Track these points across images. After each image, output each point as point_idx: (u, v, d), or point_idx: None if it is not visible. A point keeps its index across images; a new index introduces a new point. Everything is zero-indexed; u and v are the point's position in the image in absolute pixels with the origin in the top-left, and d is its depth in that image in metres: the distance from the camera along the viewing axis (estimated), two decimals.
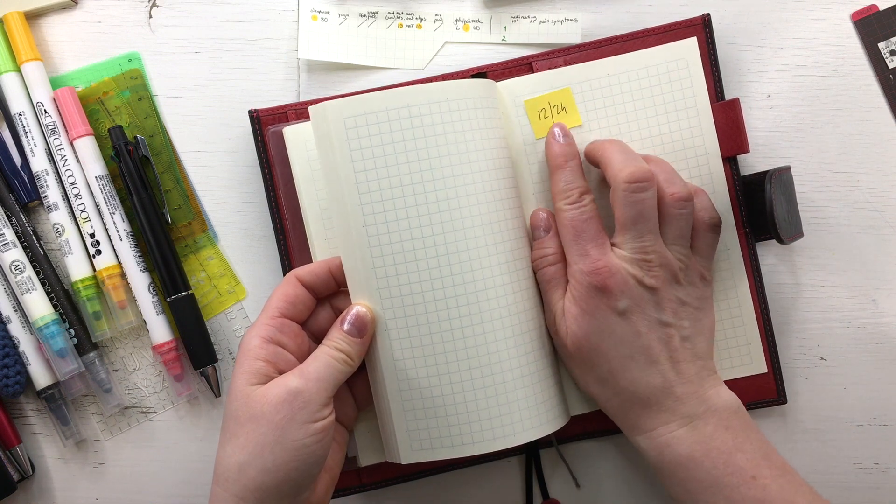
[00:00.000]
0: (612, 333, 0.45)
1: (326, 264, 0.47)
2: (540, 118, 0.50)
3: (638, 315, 0.45)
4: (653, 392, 0.46)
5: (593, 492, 0.55)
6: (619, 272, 0.45)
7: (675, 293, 0.46)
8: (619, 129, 0.51)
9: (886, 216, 0.54)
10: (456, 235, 0.45)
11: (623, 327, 0.45)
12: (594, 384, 0.47)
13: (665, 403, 0.46)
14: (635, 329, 0.45)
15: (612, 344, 0.45)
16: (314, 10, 0.54)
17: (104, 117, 0.54)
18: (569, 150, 0.48)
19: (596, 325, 0.45)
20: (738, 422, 0.46)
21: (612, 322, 0.45)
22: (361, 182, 0.45)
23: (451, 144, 0.45)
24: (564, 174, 0.47)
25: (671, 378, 0.46)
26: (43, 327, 0.51)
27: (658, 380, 0.45)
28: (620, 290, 0.45)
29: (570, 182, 0.47)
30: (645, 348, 0.45)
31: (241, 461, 0.41)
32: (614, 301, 0.45)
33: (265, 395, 0.42)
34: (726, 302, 0.52)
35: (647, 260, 0.45)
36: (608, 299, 0.45)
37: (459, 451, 0.45)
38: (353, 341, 0.44)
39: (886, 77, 0.54)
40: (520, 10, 0.54)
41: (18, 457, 0.53)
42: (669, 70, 0.51)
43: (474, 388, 0.45)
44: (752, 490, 0.43)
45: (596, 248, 0.45)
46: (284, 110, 0.52)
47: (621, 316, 0.45)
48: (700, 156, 0.51)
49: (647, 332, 0.45)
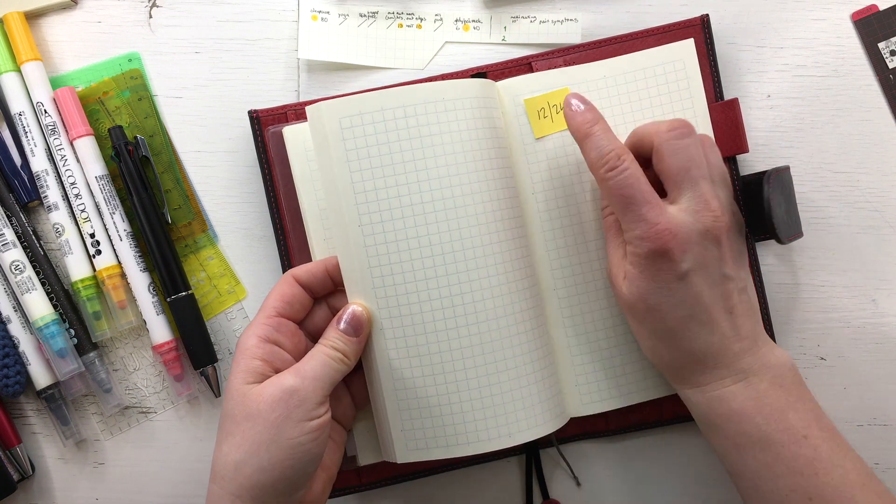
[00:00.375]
0: (673, 296, 0.44)
1: (323, 264, 0.47)
2: (539, 118, 0.50)
3: (700, 274, 0.44)
4: (710, 350, 0.44)
5: (593, 492, 0.55)
6: (681, 231, 0.43)
7: (733, 241, 0.45)
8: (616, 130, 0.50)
9: (886, 216, 0.54)
10: (452, 235, 0.45)
11: (684, 290, 0.43)
12: (648, 338, 0.46)
13: (722, 360, 0.44)
14: (697, 290, 0.44)
15: (671, 306, 0.44)
16: (314, 10, 0.54)
17: (104, 117, 0.54)
18: (591, 116, 0.45)
19: (655, 288, 0.44)
20: (792, 380, 0.45)
21: (674, 286, 0.43)
22: (357, 182, 0.45)
23: (447, 144, 0.45)
24: (594, 140, 0.44)
25: (729, 335, 0.44)
26: (43, 327, 0.51)
27: (717, 338, 0.44)
28: (683, 250, 0.43)
29: (603, 147, 0.44)
30: (705, 307, 0.44)
31: (238, 459, 0.41)
32: (676, 264, 0.43)
33: (261, 393, 0.42)
34: None
35: (709, 208, 0.44)
36: (670, 263, 0.43)
37: (455, 451, 0.45)
38: (350, 340, 0.44)
39: (886, 77, 0.54)
40: (520, 10, 0.54)
41: (18, 457, 0.53)
42: (667, 72, 0.51)
43: (469, 388, 0.45)
44: (803, 449, 0.43)
45: (651, 210, 0.43)
46: (284, 110, 0.52)
47: (683, 279, 0.43)
48: None
49: (709, 291, 0.44)
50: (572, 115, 0.46)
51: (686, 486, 0.54)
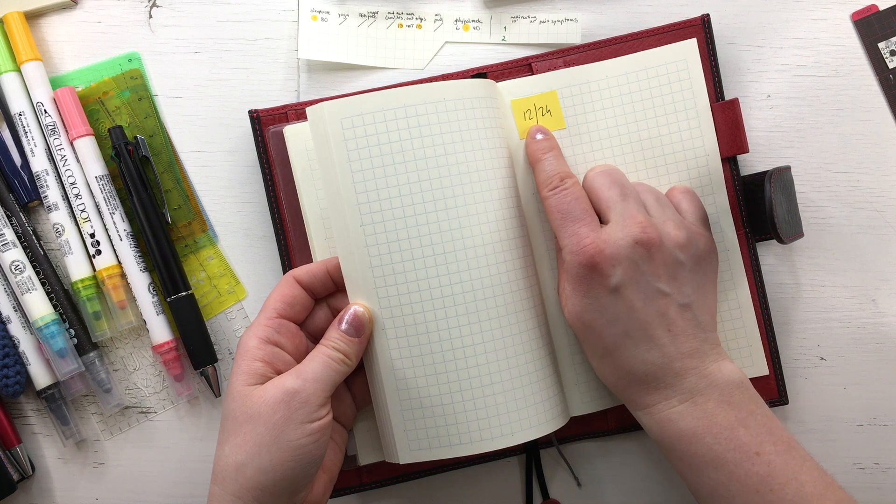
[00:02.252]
0: (605, 311, 0.44)
1: (324, 265, 0.47)
2: (525, 119, 0.50)
3: (632, 288, 0.44)
4: (651, 369, 0.44)
5: (594, 491, 0.55)
6: (609, 245, 0.44)
7: (672, 253, 0.45)
8: (619, 130, 0.51)
9: (886, 216, 0.54)
10: (453, 235, 0.45)
11: (616, 304, 0.44)
12: (593, 359, 0.47)
13: (664, 380, 0.44)
14: (629, 304, 0.44)
15: (605, 322, 0.44)
16: (314, 10, 0.54)
17: (104, 117, 0.54)
18: (546, 144, 0.48)
19: (588, 304, 0.44)
20: (742, 396, 0.44)
21: (605, 300, 0.44)
22: (358, 182, 0.45)
23: (447, 144, 0.45)
24: (543, 164, 0.47)
25: (670, 353, 0.44)
26: (43, 327, 0.51)
27: (656, 356, 0.44)
28: (611, 263, 0.43)
29: (549, 170, 0.47)
30: (641, 323, 0.44)
31: (239, 461, 0.41)
32: (606, 278, 0.44)
33: (262, 395, 0.42)
34: (726, 303, 0.52)
35: (636, 220, 0.44)
36: (600, 276, 0.44)
37: (457, 451, 0.45)
38: (351, 341, 0.44)
39: (886, 77, 0.54)
40: (520, 10, 0.54)
41: (18, 457, 0.53)
42: (669, 72, 0.51)
43: (471, 387, 0.45)
44: (756, 466, 0.42)
45: (584, 227, 0.45)
46: (284, 110, 0.52)
47: (614, 293, 0.44)
48: (699, 157, 0.51)
49: (643, 307, 0.44)
50: (529, 142, 0.49)
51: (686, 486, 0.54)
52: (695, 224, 0.48)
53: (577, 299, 0.45)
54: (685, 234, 0.46)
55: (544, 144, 0.48)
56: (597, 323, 0.45)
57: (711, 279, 0.48)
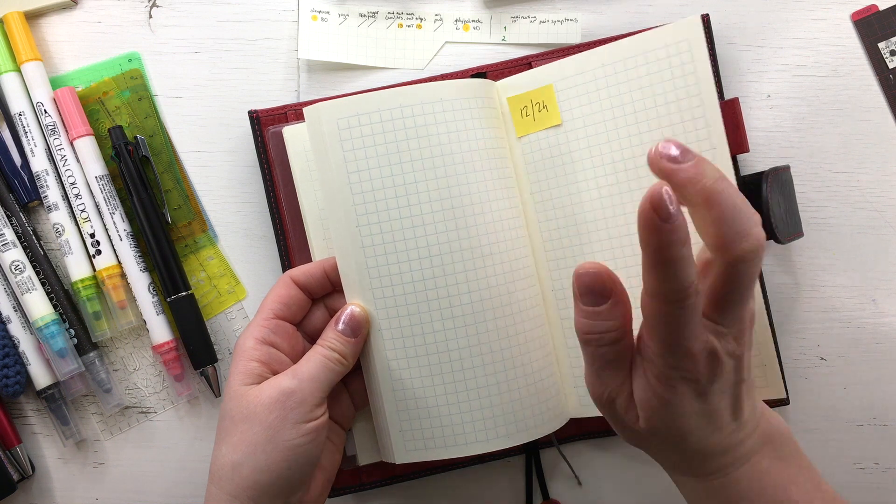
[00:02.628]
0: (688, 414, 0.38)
1: (321, 265, 0.47)
2: (522, 116, 0.49)
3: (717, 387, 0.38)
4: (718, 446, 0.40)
5: (594, 491, 0.55)
6: (716, 358, 0.37)
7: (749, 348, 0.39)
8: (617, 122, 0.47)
9: (886, 216, 0.54)
10: (450, 236, 0.45)
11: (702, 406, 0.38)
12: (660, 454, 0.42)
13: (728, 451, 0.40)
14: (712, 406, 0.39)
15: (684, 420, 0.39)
16: (314, 10, 0.54)
17: (104, 117, 0.54)
18: (680, 236, 0.34)
19: (673, 410, 0.38)
20: (791, 449, 0.41)
21: (691, 404, 0.38)
22: (355, 182, 0.45)
23: (444, 145, 0.45)
24: (675, 269, 0.34)
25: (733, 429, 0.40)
26: (43, 327, 0.51)
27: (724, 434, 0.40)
28: (714, 376, 0.37)
29: (681, 280, 0.34)
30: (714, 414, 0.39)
31: (235, 460, 0.41)
32: (702, 387, 0.38)
33: (258, 395, 0.42)
34: None
35: (743, 334, 0.38)
36: (696, 385, 0.37)
37: (452, 452, 0.45)
38: (348, 341, 0.44)
39: (886, 77, 0.54)
40: (520, 10, 0.54)
41: (18, 457, 0.53)
42: (670, 55, 0.45)
43: (468, 388, 0.45)
44: None
45: (696, 342, 0.36)
46: (284, 111, 0.52)
47: (701, 396, 0.38)
48: (705, 151, 0.45)
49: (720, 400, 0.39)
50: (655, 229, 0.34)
51: None
52: None
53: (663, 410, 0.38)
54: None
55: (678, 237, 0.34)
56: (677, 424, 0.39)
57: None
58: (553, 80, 0.49)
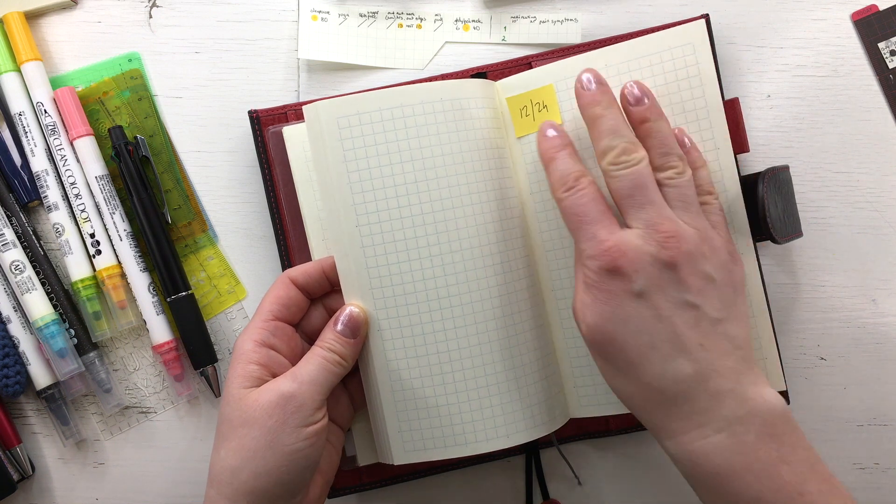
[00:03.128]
0: (629, 320, 0.40)
1: (319, 265, 0.47)
2: (521, 116, 0.49)
3: (658, 296, 0.40)
4: (680, 386, 0.39)
5: (594, 492, 0.55)
6: (631, 249, 0.40)
7: (699, 267, 0.41)
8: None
9: (886, 216, 0.54)
10: (449, 236, 0.45)
11: (642, 312, 0.40)
12: (614, 378, 0.42)
13: (697, 402, 0.39)
14: (656, 312, 0.40)
15: (629, 332, 0.40)
16: (314, 10, 0.54)
17: (104, 117, 0.54)
18: (559, 141, 0.44)
19: (610, 313, 0.40)
20: (784, 427, 0.40)
21: (629, 307, 0.40)
22: (354, 182, 0.45)
23: (444, 145, 0.45)
24: (557, 164, 0.43)
25: (704, 370, 0.39)
26: (43, 327, 0.51)
27: (688, 372, 0.39)
28: (634, 268, 0.40)
29: (563, 170, 0.43)
30: (669, 333, 0.40)
31: (234, 465, 0.41)
32: (629, 282, 0.40)
33: (258, 399, 0.42)
34: None
35: (657, 230, 0.40)
36: (622, 281, 0.40)
37: (452, 452, 0.45)
38: (347, 342, 0.44)
39: (886, 77, 0.54)
40: (520, 10, 0.54)
41: (18, 457, 0.53)
42: (675, 57, 0.47)
43: (467, 388, 0.45)
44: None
45: (603, 229, 0.41)
46: (284, 110, 0.52)
47: (639, 298, 0.40)
48: (709, 151, 0.47)
49: (671, 315, 0.40)
50: (540, 139, 0.45)
51: (685, 486, 0.54)
52: (721, 231, 0.44)
53: (597, 308, 0.41)
54: (711, 246, 0.42)
55: (556, 142, 0.44)
56: (620, 333, 0.40)
57: (741, 293, 0.43)
58: (554, 80, 0.49)
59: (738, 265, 0.44)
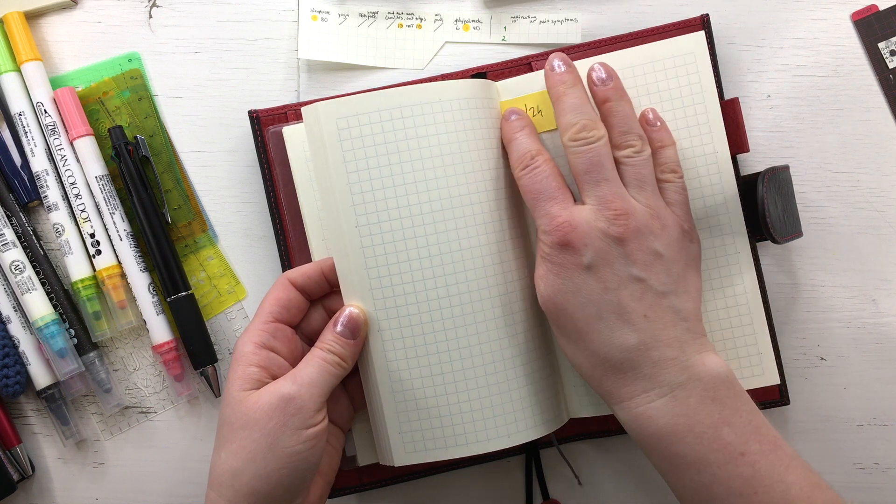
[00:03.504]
0: (578, 291, 0.43)
1: (319, 266, 0.46)
2: None
3: (605, 269, 0.42)
4: (626, 355, 0.42)
5: (594, 492, 0.55)
6: (581, 224, 0.42)
7: (647, 243, 0.43)
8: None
9: (886, 216, 0.54)
10: (449, 235, 0.45)
11: (589, 284, 0.42)
12: (567, 346, 0.44)
13: (641, 369, 0.42)
14: (603, 285, 0.42)
15: (578, 303, 0.43)
16: (314, 10, 0.54)
17: (104, 117, 0.54)
18: (519, 123, 0.47)
19: (560, 284, 0.43)
20: (727, 391, 0.42)
21: (578, 279, 0.43)
22: (354, 183, 0.45)
23: (443, 145, 0.45)
24: (516, 144, 0.46)
25: (647, 340, 0.42)
26: (43, 327, 0.51)
27: (631, 341, 0.42)
28: (583, 242, 0.42)
29: (521, 149, 0.46)
30: (615, 305, 0.42)
31: (235, 467, 0.41)
32: (578, 256, 0.42)
33: (258, 401, 0.42)
34: (736, 308, 0.50)
35: (609, 207, 0.43)
36: (572, 255, 0.42)
37: (452, 453, 0.45)
38: (346, 343, 0.44)
39: (886, 77, 0.54)
40: (520, 10, 0.54)
41: (18, 457, 0.53)
42: (676, 65, 0.49)
43: (467, 388, 0.45)
44: (740, 467, 0.40)
45: (557, 205, 0.43)
46: (284, 111, 0.52)
47: (587, 271, 0.42)
48: (708, 154, 0.49)
49: (617, 288, 0.42)
50: (503, 124, 0.48)
51: None
52: (677, 209, 0.46)
53: (550, 280, 0.43)
54: (662, 223, 0.44)
55: (517, 124, 0.47)
56: (569, 304, 0.43)
57: (694, 269, 0.45)
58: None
59: (694, 242, 0.46)
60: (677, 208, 0.46)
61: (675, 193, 0.46)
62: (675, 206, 0.46)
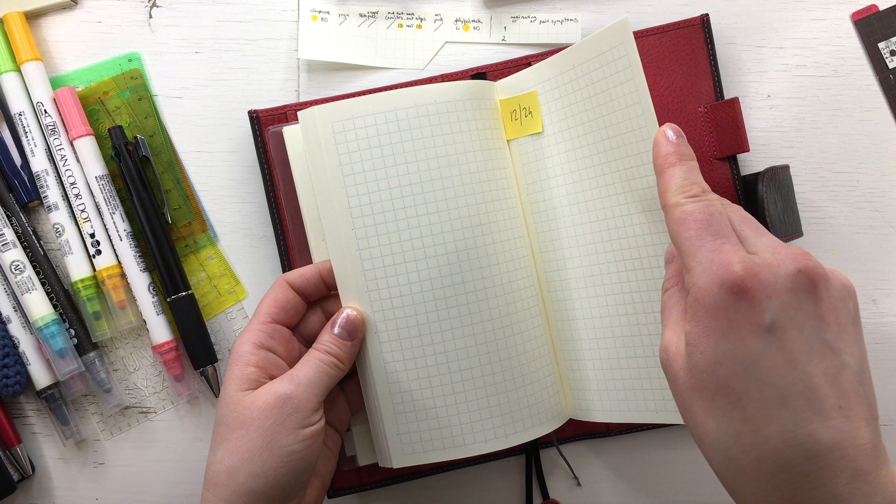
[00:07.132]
0: (754, 363, 0.31)
1: (317, 268, 0.47)
2: (511, 119, 0.49)
3: (793, 331, 0.31)
4: (813, 464, 0.30)
5: (593, 491, 0.55)
6: (764, 270, 0.32)
7: (840, 296, 0.33)
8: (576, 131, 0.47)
9: (886, 216, 0.54)
10: (445, 238, 0.45)
11: (771, 353, 0.31)
12: (709, 422, 0.32)
13: (827, 483, 0.30)
14: (789, 355, 0.31)
15: (752, 379, 0.31)
16: (314, 10, 0.54)
17: (104, 117, 0.54)
18: (683, 150, 0.38)
19: (728, 351, 0.31)
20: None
21: (753, 345, 0.31)
22: (350, 185, 0.45)
23: (439, 147, 0.45)
24: (679, 170, 0.37)
25: (842, 442, 0.30)
26: (43, 327, 0.51)
27: (825, 441, 0.30)
28: (767, 295, 0.31)
29: (688, 178, 0.36)
30: (805, 386, 0.31)
31: (231, 466, 0.41)
32: (759, 310, 0.31)
33: (254, 400, 0.42)
34: None
35: (791, 250, 0.33)
36: (749, 307, 0.31)
37: (450, 454, 0.45)
38: (344, 345, 0.44)
39: (886, 77, 0.54)
40: (520, 10, 0.54)
41: (18, 457, 0.53)
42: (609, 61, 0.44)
43: (465, 389, 0.45)
44: None
45: (728, 244, 0.33)
46: (284, 111, 0.52)
47: (768, 334, 0.31)
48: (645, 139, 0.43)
49: (807, 361, 0.31)
50: (662, 143, 0.39)
51: (685, 487, 0.54)
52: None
53: (711, 344, 0.32)
54: (846, 279, 0.34)
55: (680, 150, 0.38)
56: (739, 382, 0.31)
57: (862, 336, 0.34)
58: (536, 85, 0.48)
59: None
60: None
61: None
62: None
